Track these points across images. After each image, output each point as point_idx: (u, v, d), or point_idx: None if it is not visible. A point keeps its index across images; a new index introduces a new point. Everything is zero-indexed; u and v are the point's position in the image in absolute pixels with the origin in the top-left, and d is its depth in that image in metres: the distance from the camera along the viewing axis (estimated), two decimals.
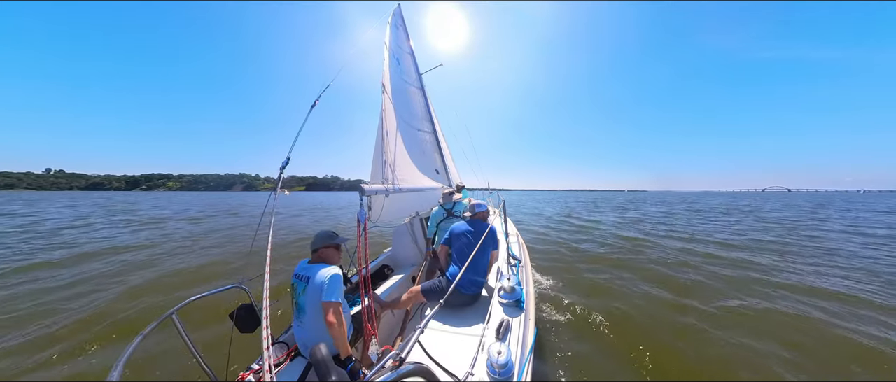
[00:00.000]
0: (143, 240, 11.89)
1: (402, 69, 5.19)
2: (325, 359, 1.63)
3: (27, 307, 5.27)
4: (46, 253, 9.29)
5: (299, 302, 2.27)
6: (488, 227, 3.22)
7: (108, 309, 5.23)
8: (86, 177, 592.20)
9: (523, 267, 3.54)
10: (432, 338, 2.49)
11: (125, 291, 6.09)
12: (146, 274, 7.39)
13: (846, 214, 24.10)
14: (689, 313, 5.08)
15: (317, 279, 2.21)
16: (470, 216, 3.53)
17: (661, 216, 22.60)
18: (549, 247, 10.69)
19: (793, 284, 6.42)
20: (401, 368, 1.13)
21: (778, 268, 7.74)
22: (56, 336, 4.40)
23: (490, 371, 1.81)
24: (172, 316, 1.85)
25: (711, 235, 13.29)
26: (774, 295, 5.86)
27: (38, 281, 6.70)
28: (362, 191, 2.40)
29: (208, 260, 8.94)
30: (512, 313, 2.44)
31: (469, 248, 3.01)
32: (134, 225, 16.47)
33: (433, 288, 3.00)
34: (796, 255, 9.33)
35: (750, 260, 8.64)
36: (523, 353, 2.07)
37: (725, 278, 6.94)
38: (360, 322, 2.40)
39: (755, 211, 28.44)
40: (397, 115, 4.63)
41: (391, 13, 5.11)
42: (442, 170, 5.38)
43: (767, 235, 13.23)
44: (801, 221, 18.95)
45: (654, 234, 13.59)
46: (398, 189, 3.39)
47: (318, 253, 2.44)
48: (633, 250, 10.10)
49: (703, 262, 8.32)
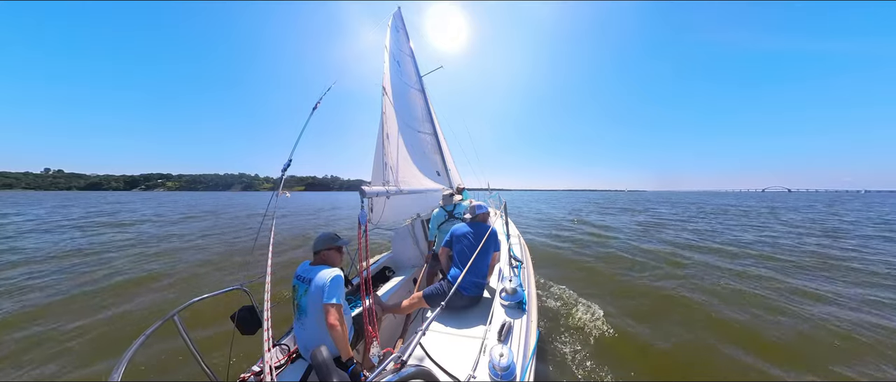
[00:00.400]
0: (84, 246, 10.99)
1: (402, 71, 5.20)
2: (325, 361, 1.63)
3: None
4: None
5: (301, 303, 2.27)
6: (489, 229, 3.20)
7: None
8: (84, 178, 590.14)
9: (525, 269, 3.54)
10: (434, 340, 2.50)
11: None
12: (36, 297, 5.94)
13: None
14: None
15: (318, 281, 2.20)
16: (470, 218, 3.52)
17: (677, 219, 20.35)
18: (568, 273, 7.81)
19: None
20: (402, 371, 1.13)
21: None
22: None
23: (492, 373, 1.81)
24: (174, 317, 1.85)
25: (758, 247, 10.44)
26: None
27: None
28: (363, 193, 2.41)
29: (129, 278, 7.30)
30: (514, 315, 2.44)
31: (470, 250, 3.01)
32: (92, 230, 15.28)
33: (435, 292, 3.01)
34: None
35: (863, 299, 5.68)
36: (525, 355, 2.07)
37: (844, 333, 4.44)
38: (361, 324, 2.41)
39: (774, 212, 26.69)
40: (398, 117, 4.64)
41: (391, 16, 5.12)
42: (443, 171, 5.39)
43: (844, 246, 9.91)
44: (857, 222, 16.38)
45: (684, 245, 11.22)
46: (399, 191, 3.40)
47: (321, 255, 2.44)
48: (671, 273, 7.59)
49: (785, 297, 5.88)
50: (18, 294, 6.10)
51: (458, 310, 2.97)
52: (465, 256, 3.00)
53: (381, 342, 2.33)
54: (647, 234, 13.93)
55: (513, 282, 2.64)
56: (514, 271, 3.07)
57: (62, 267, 8.23)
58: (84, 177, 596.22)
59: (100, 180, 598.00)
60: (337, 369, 1.81)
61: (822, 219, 20.01)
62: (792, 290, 6.28)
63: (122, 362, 1.42)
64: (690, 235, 13.71)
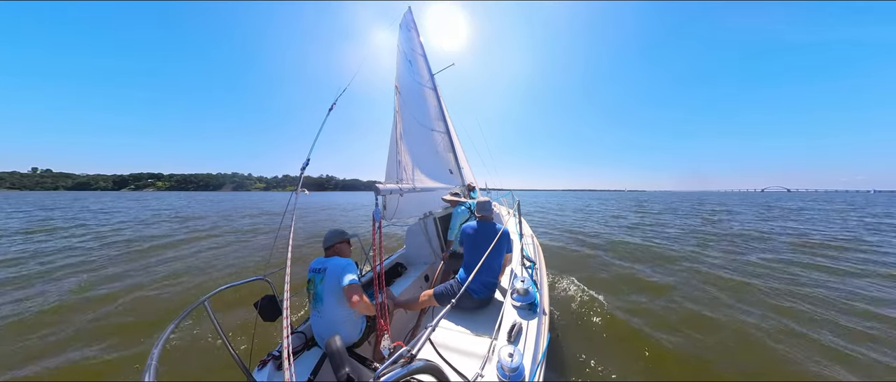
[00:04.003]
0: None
1: (414, 70, 5.22)
2: (339, 350, 1.69)
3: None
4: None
5: (317, 292, 2.41)
6: (501, 230, 3.13)
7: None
8: (72, 177, 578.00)
9: (538, 270, 3.54)
10: (444, 337, 2.54)
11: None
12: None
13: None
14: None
15: (334, 268, 2.40)
16: (478, 216, 3.45)
17: (704, 228, 15.19)
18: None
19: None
20: (411, 364, 1.15)
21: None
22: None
23: (500, 373, 1.80)
24: (205, 303, 1.97)
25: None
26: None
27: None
28: (377, 191, 2.48)
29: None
30: (525, 316, 2.42)
31: (480, 251, 2.94)
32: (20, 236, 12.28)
33: (445, 292, 3.00)
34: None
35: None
36: (535, 358, 2.05)
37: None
38: (374, 317, 2.52)
39: (796, 211, 24.90)
40: (411, 116, 4.66)
41: (402, 15, 5.14)
42: (455, 169, 5.41)
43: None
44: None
45: (754, 264, 7.90)
46: (412, 188, 3.42)
47: (334, 248, 2.67)
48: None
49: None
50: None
51: (468, 311, 2.97)
52: (476, 257, 2.92)
53: (393, 335, 2.39)
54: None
55: (525, 283, 2.62)
56: (527, 272, 3.09)
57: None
58: (72, 176, 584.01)
59: (88, 180, 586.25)
60: (349, 358, 1.89)
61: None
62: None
63: (162, 340, 1.54)
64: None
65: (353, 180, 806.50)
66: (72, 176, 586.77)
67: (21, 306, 5.37)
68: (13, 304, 5.45)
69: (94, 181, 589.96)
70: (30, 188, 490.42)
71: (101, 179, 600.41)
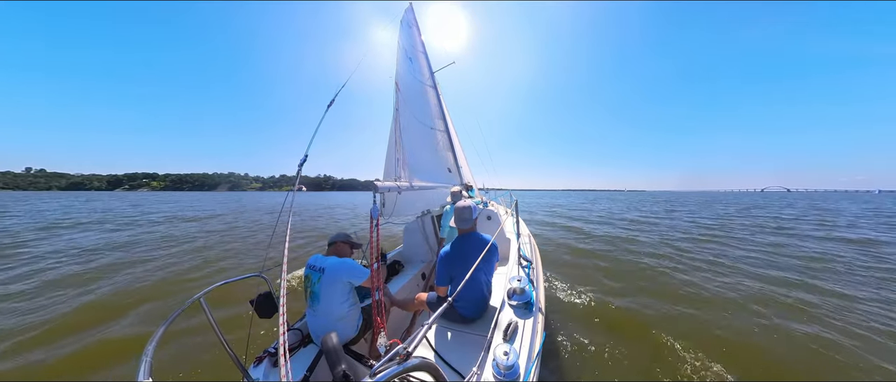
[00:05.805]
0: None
1: (415, 67, 5.20)
2: (335, 347, 1.71)
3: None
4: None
5: (314, 290, 2.39)
6: (488, 243, 2.62)
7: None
8: (66, 177, 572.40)
9: (534, 269, 3.55)
10: (440, 335, 2.55)
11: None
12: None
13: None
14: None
15: (334, 267, 2.38)
16: (459, 230, 2.83)
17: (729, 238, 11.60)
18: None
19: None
20: (407, 362, 1.14)
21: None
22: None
23: (495, 371, 1.82)
24: (200, 299, 1.95)
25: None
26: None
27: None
28: (376, 189, 2.48)
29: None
30: (521, 315, 2.45)
31: (466, 267, 2.40)
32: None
33: (436, 300, 2.87)
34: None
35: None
36: (530, 356, 2.07)
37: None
38: (370, 314, 2.52)
39: (825, 212, 23.23)
40: (411, 113, 4.65)
41: (404, 12, 5.12)
42: (454, 168, 5.40)
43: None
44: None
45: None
46: (411, 186, 3.41)
47: (336, 247, 2.68)
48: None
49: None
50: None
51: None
52: (460, 274, 2.46)
53: (389, 332, 2.39)
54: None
55: (521, 282, 2.65)
56: (523, 271, 3.10)
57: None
58: (66, 176, 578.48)
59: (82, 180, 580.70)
60: (346, 355, 1.88)
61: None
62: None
63: (156, 335, 1.52)
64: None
65: (351, 180, 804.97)
66: (66, 176, 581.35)
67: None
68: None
69: (87, 181, 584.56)
70: (23, 188, 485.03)
71: (95, 179, 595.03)
